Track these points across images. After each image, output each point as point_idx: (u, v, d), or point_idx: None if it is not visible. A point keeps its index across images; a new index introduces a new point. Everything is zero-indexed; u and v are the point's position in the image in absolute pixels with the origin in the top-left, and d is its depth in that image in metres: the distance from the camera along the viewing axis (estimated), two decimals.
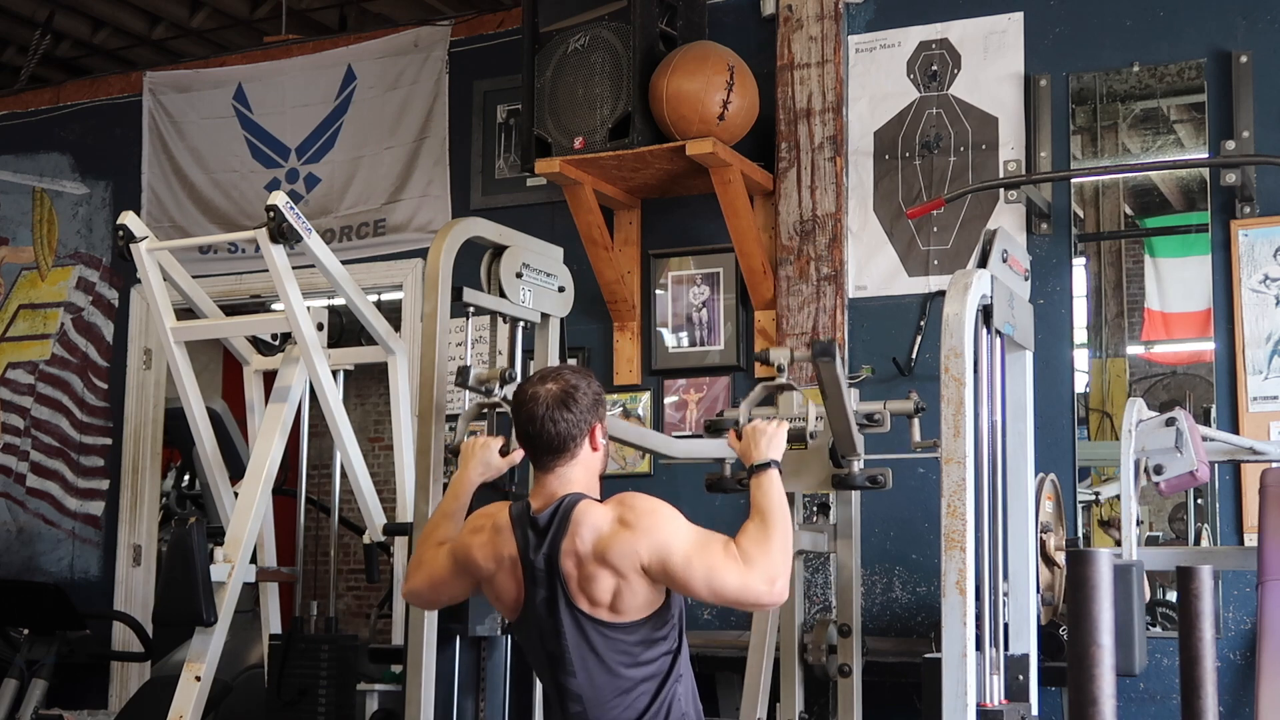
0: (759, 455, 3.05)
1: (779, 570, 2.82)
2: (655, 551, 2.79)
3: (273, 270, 4.03)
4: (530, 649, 2.97)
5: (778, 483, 2.99)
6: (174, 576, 3.95)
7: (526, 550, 2.87)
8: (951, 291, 3.09)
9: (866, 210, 4.97)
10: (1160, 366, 5.92)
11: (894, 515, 4.73)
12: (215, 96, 6.18)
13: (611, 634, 2.84)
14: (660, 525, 2.82)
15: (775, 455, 3.06)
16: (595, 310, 5.24)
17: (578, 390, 2.91)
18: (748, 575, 2.80)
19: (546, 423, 2.87)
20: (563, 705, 2.90)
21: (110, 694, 6.07)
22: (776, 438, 3.10)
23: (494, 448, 3.26)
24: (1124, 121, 5.19)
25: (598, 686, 2.85)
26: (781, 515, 2.90)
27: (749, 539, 2.85)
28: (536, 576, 2.86)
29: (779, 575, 2.81)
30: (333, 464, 4.43)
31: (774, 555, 2.83)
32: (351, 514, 5.82)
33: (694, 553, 2.80)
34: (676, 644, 2.92)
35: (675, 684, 2.90)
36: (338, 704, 4.19)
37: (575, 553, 2.82)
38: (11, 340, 6.55)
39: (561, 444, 2.89)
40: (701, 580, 2.79)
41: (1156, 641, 4.41)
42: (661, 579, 2.81)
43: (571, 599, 2.83)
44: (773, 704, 3.79)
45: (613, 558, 2.79)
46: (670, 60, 4.79)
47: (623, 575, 2.80)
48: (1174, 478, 3.75)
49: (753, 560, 2.81)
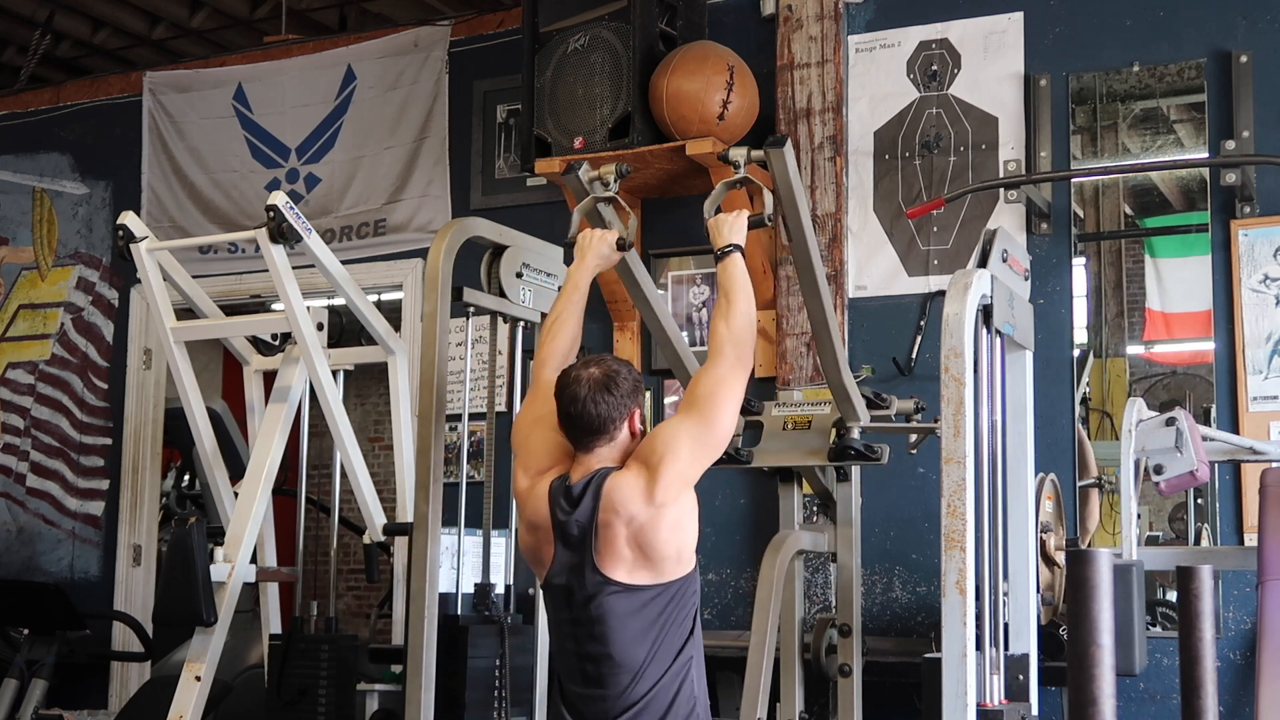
0: (723, 240, 3.24)
1: (741, 338, 3.07)
2: (652, 452, 2.93)
3: (273, 270, 4.03)
4: (554, 612, 3.04)
5: (740, 264, 3.20)
6: (174, 576, 3.95)
7: (557, 514, 2.96)
8: (951, 291, 3.09)
9: (866, 210, 4.97)
10: (1160, 366, 5.91)
11: (894, 515, 4.73)
12: (215, 96, 6.18)
13: (637, 598, 2.91)
14: (655, 432, 3.01)
15: (738, 240, 3.24)
16: (595, 310, 5.22)
17: (619, 375, 3.02)
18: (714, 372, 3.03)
19: (589, 404, 2.97)
20: (581, 671, 2.97)
21: (110, 694, 6.07)
22: (737, 224, 3.27)
23: (610, 239, 3.41)
24: (1124, 121, 5.19)
25: (616, 656, 2.92)
26: (744, 291, 3.13)
27: (717, 316, 3.11)
28: (569, 542, 2.95)
29: (741, 342, 3.06)
30: (333, 464, 4.43)
31: (735, 326, 3.07)
32: (351, 514, 5.81)
33: (674, 418, 3.04)
34: (691, 626, 2.99)
35: (689, 665, 2.98)
36: (338, 704, 4.19)
37: (606, 518, 2.91)
38: (11, 340, 6.55)
39: (601, 425, 2.99)
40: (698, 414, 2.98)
41: (1156, 641, 4.41)
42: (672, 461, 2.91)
43: (598, 564, 2.92)
44: (773, 704, 3.79)
45: (628, 500, 2.90)
46: (670, 60, 4.79)
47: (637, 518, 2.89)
48: (1174, 478, 3.76)
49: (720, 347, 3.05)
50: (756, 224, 3.28)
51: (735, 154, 3.42)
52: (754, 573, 4.46)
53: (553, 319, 3.33)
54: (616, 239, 3.42)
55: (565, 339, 3.28)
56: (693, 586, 2.99)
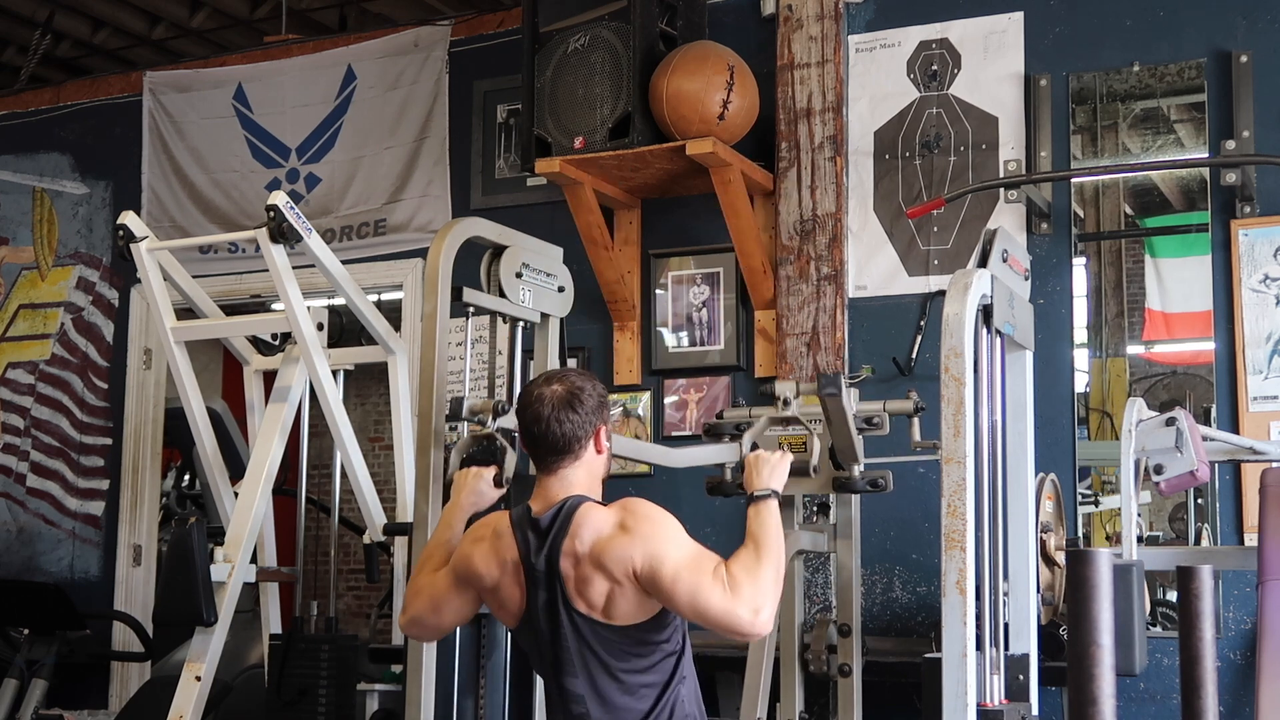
0: (759, 484, 3.05)
1: (765, 601, 2.79)
2: (648, 559, 2.78)
3: (273, 270, 4.03)
4: (533, 652, 2.97)
5: (775, 514, 2.97)
6: (174, 576, 3.95)
7: (528, 553, 2.87)
8: (951, 291, 3.09)
9: (866, 210, 4.97)
10: (1160, 366, 5.92)
11: (894, 515, 4.73)
12: (215, 96, 6.18)
13: (610, 636, 2.84)
14: (657, 534, 2.81)
15: (776, 485, 3.06)
16: (595, 310, 5.24)
17: (583, 392, 2.92)
18: (733, 601, 2.76)
19: (552, 423, 2.88)
20: (565, 707, 2.90)
21: (110, 694, 6.07)
22: (779, 468, 3.10)
23: (487, 477, 3.24)
24: (1124, 121, 5.18)
25: (600, 688, 2.85)
26: (776, 547, 2.88)
27: (740, 565, 2.82)
28: (537, 578, 2.86)
29: (764, 606, 2.78)
30: (333, 464, 4.43)
31: (762, 585, 2.80)
32: (351, 514, 5.82)
33: (684, 568, 2.78)
34: (680, 646, 2.92)
35: (679, 685, 2.90)
36: (338, 704, 4.19)
37: (574, 553, 2.82)
38: (11, 340, 6.55)
39: (566, 445, 2.89)
40: (686, 597, 2.77)
41: (1156, 641, 4.41)
42: (650, 588, 2.80)
43: (570, 600, 2.84)
44: (773, 704, 3.79)
45: (608, 561, 2.79)
46: (670, 60, 4.79)
47: (615, 580, 2.80)
48: (1174, 478, 3.75)
49: (740, 588, 2.77)
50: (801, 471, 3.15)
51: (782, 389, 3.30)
52: None
53: (425, 557, 3.15)
54: (494, 475, 3.25)
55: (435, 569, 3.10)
56: (671, 614, 2.87)
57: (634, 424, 5.20)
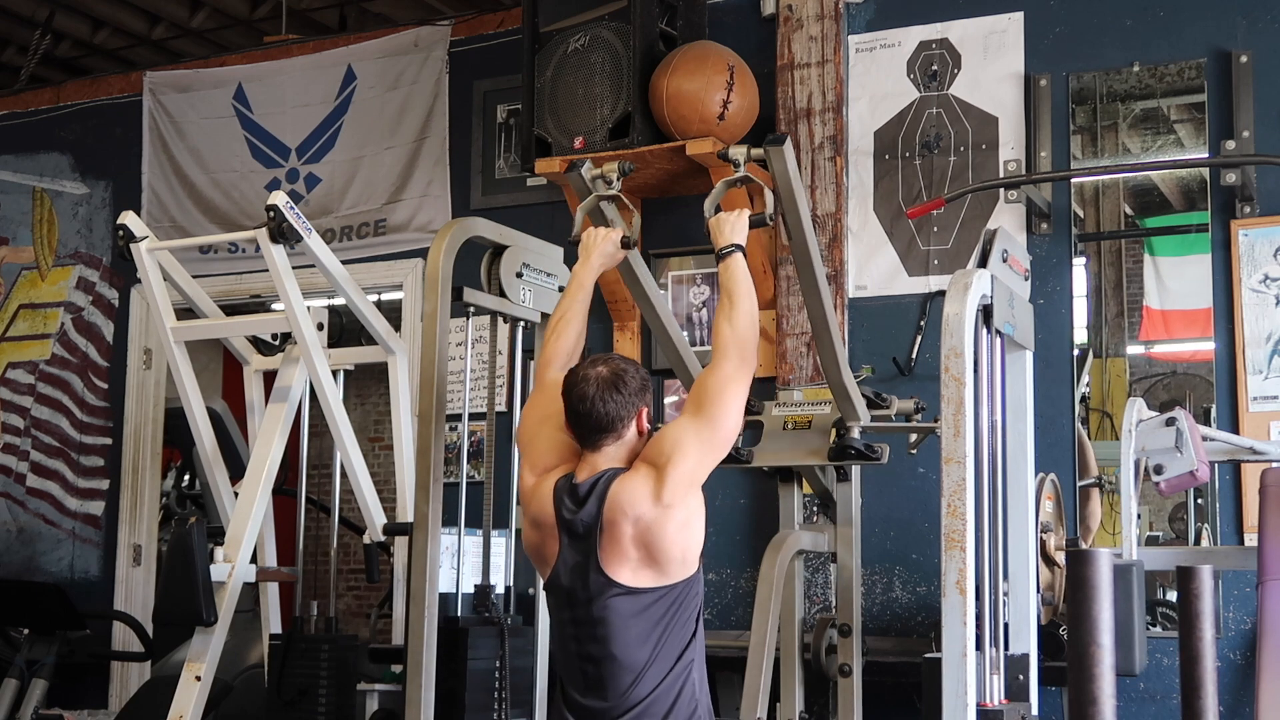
0: (724, 240, 3.23)
1: (745, 340, 3.07)
2: (661, 452, 2.92)
3: (273, 270, 4.03)
4: (557, 612, 3.03)
5: (742, 264, 3.19)
6: (174, 576, 3.95)
7: (563, 514, 2.95)
8: (951, 291, 3.09)
9: (866, 210, 4.97)
10: (1160, 366, 5.92)
11: (894, 515, 4.73)
12: (215, 96, 6.18)
13: (640, 600, 2.90)
14: (662, 433, 3.01)
15: (739, 240, 3.23)
16: (595, 310, 5.18)
17: (627, 374, 3.02)
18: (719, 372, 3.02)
19: (597, 402, 2.97)
20: (582, 672, 2.96)
21: (110, 694, 6.07)
22: (739, 224, 3.26)
23: (615, 238, 3.43)
24: (1124, 121, 5.19)
25: (618, 657, 2.91)
26: (746, 291, 3.13)
27: (720, 318, 3.10)
28: (573, 541, 2.94)
29: (746, 344, 3.07)
30: (333, 464, 4.43)
31: (739, 327, 3.07)
32: (351, 514, 5.82)
33: (683, 421, 3.01)
34: (693, 629, 2.98)
35: (691, 669, 2.97)
36: (338, 704, 4.19)
37: (611, 517, 2.90)
38: (11, 340, 6.55)
39: (610, 424, 2.98)
40: (700, 411, 2.98)
41: (1156, 641, 4.41)
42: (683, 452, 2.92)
43: (602, 565, 2.91)
44: (773, 704, 3.79)
45: (638, 499, 2.89)
46: (670, 60, 4.79)
47: (648, 520, 2.88)
48: (1174, 478, 3.75)
49: (724, 345, 3.05)
50: (758, 223, 3.28)
51: (735, 152, 3.41)
52: (754, 572, 4.46)
53: (557, 318, 3.33)
54: (621, 237, 3.43)
55: (570, 338, 3.28)
56: (696, 589, 2.98)
57: None
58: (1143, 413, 3.77)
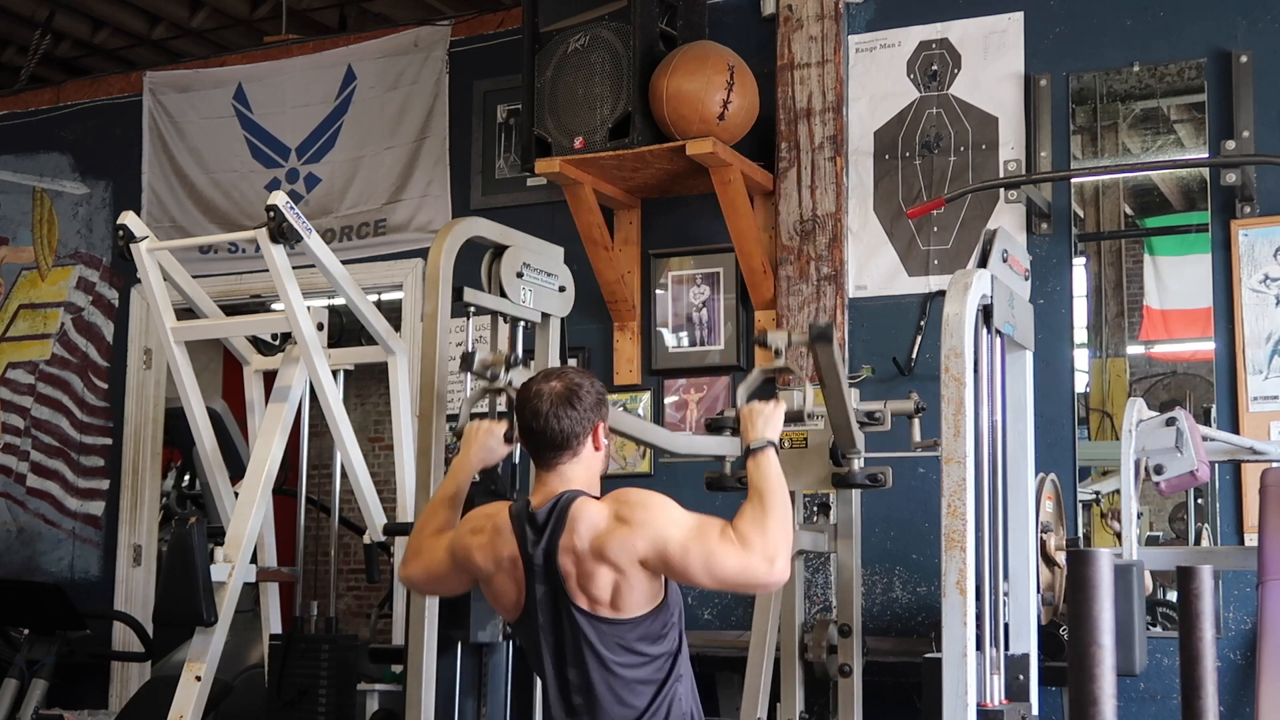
0: (756, 435, 3.04)
1: (778, 549, 2.80)
2: (652, 543, 2.79)
3: (273, 270, 4.03)
4: (531, 648, 2.97)
5: (775, 462, 2.97)
6: (174, 576, 3.95)
7: (525, 547, 2.88)
8: (951, 291, 3.09)
9: (866, 210, 4.97)
10: (1160, 366, 5.92)
11: (894, 515, 4.73)
12: (215, 96, 6.18)
13: (611, 631, 2.84)
14: (655, 516, 2.83)
15: (772, 435, 3.05)
16: (595, 310, 5.24)
17: (581, 388, 2.93)
18: (747, 557, 2.79)
19: (550, 419, 2.89)
20: (564, 703, 2.91)
21: (110, 694, 6.07)
22: (774, 418, 3.09)
23: (497, 432, 3.26)
24: (1124, 121, 5.19)
25: (598, 684, 2.85)
26: (780, 494, 2.89)
27: (746, 520, 2.84)
28: (536, 573, 2.87)
29: (778, 554, 2.80)
30: (333, 464, 4.43)
31: (772, 535, 2.81)
32: (351, 514, 5.82)
33: (691, 539, 2.80)
34: (677, 644, 2.93)
35: (676, 683, 2.91)
36: (338, 704, 4.19)
37: (573, 549, 2.82)
38: (11, 340, 6.55)
39: (564, 441, 2.91)
40: (700, 566, 2.79)
41: (1156, 641, 4.42)
42: (661, 569, 2.82)
43: (570, 596, 2.84)
44: (773, 704, 3.79)
45: (610, 553, 2.80)
46: (670, 60, 4.79)
47: (621, 570, 2.81)
48: (1174, 478, 3.75)
49: (750, 542, 2.80)
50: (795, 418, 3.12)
51: (775, 339, 3.26)
52: None
53: (430, 513, 3.17)
54: (504, 431, 3.26)
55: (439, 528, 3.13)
56: (672, 606, 2.90)
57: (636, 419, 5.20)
58: (1143, 413, 3.77)
